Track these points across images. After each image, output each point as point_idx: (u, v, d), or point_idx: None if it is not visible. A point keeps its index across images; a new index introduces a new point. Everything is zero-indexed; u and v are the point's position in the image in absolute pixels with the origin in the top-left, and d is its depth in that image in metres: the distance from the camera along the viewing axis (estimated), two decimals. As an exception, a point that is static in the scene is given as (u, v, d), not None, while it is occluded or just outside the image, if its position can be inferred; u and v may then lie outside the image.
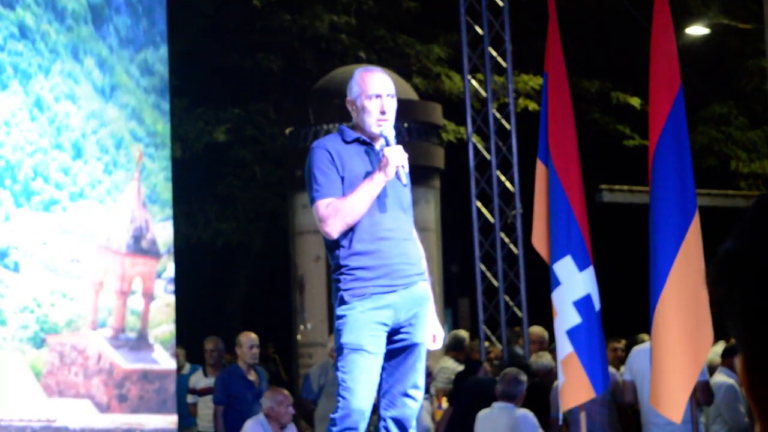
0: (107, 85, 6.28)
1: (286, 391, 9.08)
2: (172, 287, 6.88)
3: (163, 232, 6.63)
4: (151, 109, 6.46)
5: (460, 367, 10.83)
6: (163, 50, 7.17)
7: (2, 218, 6.01)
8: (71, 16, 6.19)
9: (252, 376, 9.93)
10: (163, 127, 6.69)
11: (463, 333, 12.08)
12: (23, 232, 6.29)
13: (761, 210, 1.47)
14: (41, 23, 6.07)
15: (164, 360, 7.02)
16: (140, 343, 6.98)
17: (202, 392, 10.97)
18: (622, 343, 11.13)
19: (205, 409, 10.72)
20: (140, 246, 6.56)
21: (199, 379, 11.26)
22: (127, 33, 6.77)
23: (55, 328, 6.87)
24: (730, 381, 9.46)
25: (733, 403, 9.40)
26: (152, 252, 6.58)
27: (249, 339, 10.04)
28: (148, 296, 6.76)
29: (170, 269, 6.67)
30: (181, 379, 10.86)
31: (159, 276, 6.64)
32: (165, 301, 6.83)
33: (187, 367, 11.58)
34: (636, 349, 8.88)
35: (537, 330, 11.42)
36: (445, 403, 10.07)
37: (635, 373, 8.64)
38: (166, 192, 6.64)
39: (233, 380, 9.90)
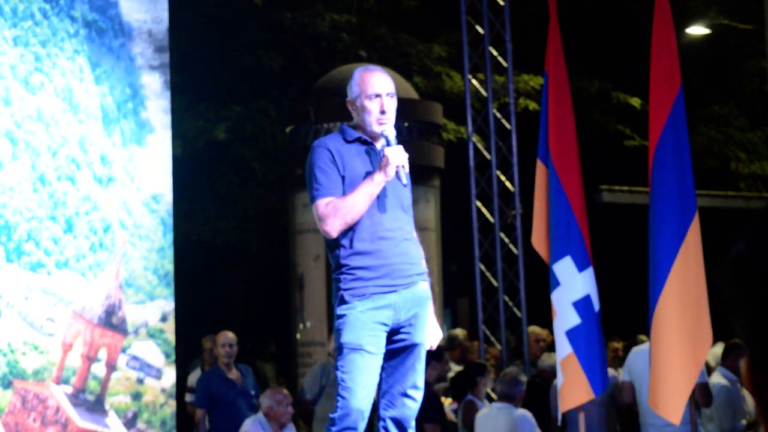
0: (105, 177, 7.12)
1: (285, 391, 9.08)
2: (135, 363, 7.47)
3: (135, 313, 7.32)
4: (140, 205, 7.27)
5: (457, 367, 10.82)
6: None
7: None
8: (84, 111, 7.10)
9: (233, 375, 9.88)
10: (150, 222, 7.41)
11: (457, 332, 12.07)
12: (9, 285, 6.97)
13: None
14: (56, 112, 6.91)
15: (116, 427, 7.50)
16: (96, 406, 7.53)
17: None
18: (621, 344, 11.13)
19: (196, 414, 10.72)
20: (111, 321, 7.27)
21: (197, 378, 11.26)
22: (130, 135, 7.67)
23: (23, 374, 7.44)
24: (724, 382, 9.46)
25: (725, 405, 9.40)
26: (120, 329, 7.30)
27: (223, 338, 10.00)
28: (110, 367, 7.42)
29: (135, 348, 7.34)
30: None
31: (123, 351, 7.42)
32: (125, 375, 7.47)
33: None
34: (635, 350, 8.88)
35: (536, 329, 11.43)
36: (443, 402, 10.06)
37: (634, 374, 8.64)
38: (142, 279, 7.32)
39: (212, 381, 9.87)
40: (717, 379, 9.45)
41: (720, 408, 9.36)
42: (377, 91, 5.20)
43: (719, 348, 9.90)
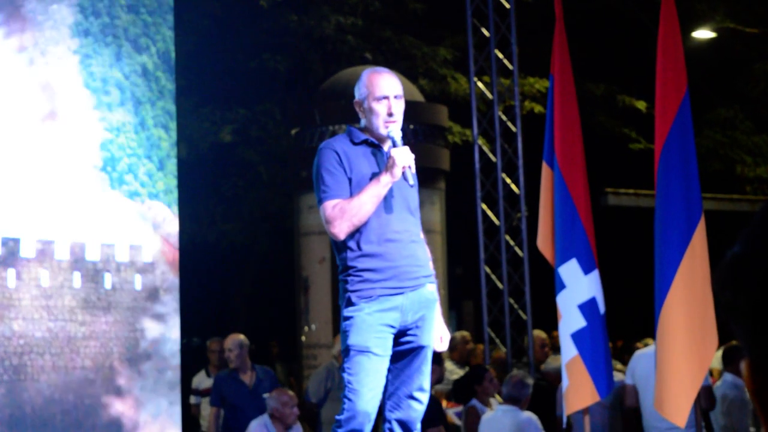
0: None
1: (291, 392, 9.07)
2: None
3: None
4: None
5: (458, 368, 10.82)
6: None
7: (105, 189, 8.08)
8: (178, 71, 8.74)
9: (246, 377, 9.87)
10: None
11: (456, 334, 12.06)
12: (107, 205, 8.15)
13: None
14: (156, 70, 8.33)
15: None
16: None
17: (204, 393, 10.96)
18: (619, 342, 11.13)
19: (208, 410, 10.72)
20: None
21: (202, 380, 11.27)
22: None
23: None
24: (733, 389, 9.47)
25: (740, 410, 9.40)
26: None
27: (230, 341, 9.96)
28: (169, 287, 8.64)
29: None
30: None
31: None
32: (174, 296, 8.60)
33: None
34: (638, 353, 8.88)
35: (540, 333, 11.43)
36: (445, 404, 10.06)
37: (637, 377, 8.63)
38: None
39: (224, 382, 9.88)
40: (724, 386, 9.46)
41: (734, 414, 9.37)
42: (385, 93, 5.20)
43: (718, 352, 9.89)
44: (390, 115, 5.18)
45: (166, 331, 8.59)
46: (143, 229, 8.33)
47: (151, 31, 8.39)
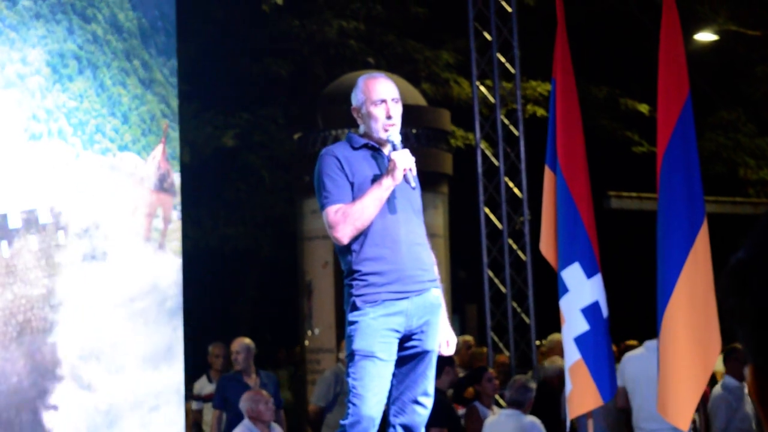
0: (147, 79, 9.23)
1: (263, 391, 9.14)
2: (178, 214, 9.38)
3: (177, 178, 9.37)
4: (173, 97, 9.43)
5: (461, 372, 10.81)
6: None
7: (74, 156, 8.72)
8: (126, 32, 9.14)
9: (252, 381, 9.91)
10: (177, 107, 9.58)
11: (459, 338, 12.04)
12: (84, 168, 8.80)
13: None
14: (106, 34, 9.08)
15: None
16: (159, 250, 9.27)
17: (206, 398, 10.96)
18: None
19: (210, 415, 10.72)
20: (163, 186, 9.23)
21: (204, 386, 11.25)
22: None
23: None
24: (725, 394, 9.47)
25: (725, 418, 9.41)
26: (171, 191, 9.25)
27: (237, 344, 10.09)
28: (167, 220, 9.26)
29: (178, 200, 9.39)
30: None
31: (174, 208, 9.32)
32: (176, 225, 9.30)
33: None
34: (627, 355, 8.89)
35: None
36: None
37: (627, 379, 8.64)
38: (178, 151, 9.46)
39: (229, 385, 9.91)
40: (718, 390, 9.46)
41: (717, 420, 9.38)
42: (382, 97, 5.21)
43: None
44: (389, 118, 5.18)
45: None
46: (119, 179, 9.00)
47: (95, 1, 8.98)
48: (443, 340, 5.33)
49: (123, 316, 8.83)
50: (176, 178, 9.33)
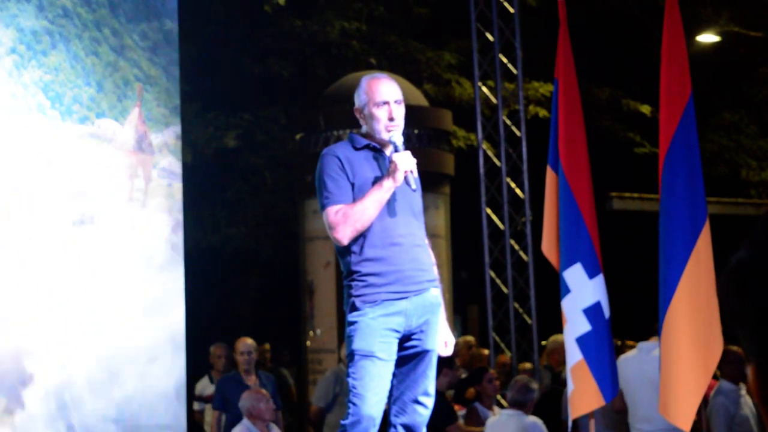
0: (119, 46, 9.43)
1: (263, 390, 9.14)
2: (163, 173, 9.60)
3: (156, 138, 9.60)
4: (149, 63, 9.62)
5: (463, 373, 10.81)
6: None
7: (58, 124, 8.95)
8: (95, 2, 9.34)
9: (252, 382, 9.91)
10: (155, 73, 9.72)
11: (461, 339, 12.04)
12: (63, 136, 9.04)
13: None
14: (76, 7, 9.25)
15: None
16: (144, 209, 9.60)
17: (208, 399, 10.95)
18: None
19: (212, 416, 10.73)
20: (141, 146, 9.52)
21: (206, 386, 11.24)
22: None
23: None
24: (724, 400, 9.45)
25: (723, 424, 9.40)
26: (149, 151, 9.53)
27: (243, 345, 10.09)
28: (147, 179, 9.52)
29: (163, 162, 9.60)
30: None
31: (154, 167, 9.55)
32: (158, 183, 9.52)
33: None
34: (622, 357, 8.88)
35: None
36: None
37: (622, 381, 8.63)
38: (158, 114, 9.65)
39: (229, 386, 9.91)
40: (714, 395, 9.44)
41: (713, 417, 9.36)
42: (385, 99, 5.21)
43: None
44: (391, 119, 5.18)
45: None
46: (99, 146, 9.28)
47: None
48: (441, 340, 5.33)
49: (114, 274, 9.09)
50: (154, 139, 9.54)
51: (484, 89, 12.28)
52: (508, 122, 11.95)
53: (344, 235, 5.06)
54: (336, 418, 9.82)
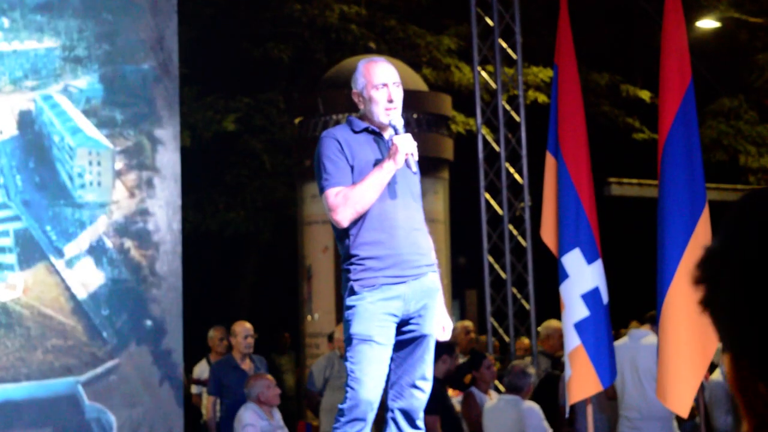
0: None
1: (269, 376, 9.16)
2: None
3: None
4: None
5: (461, 358, 10.82)
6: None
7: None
8: None
9: (246, 366, 9.92)
10: None
11: (458, 324, 12.04)
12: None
13: (745, 207, 1.46)
14: None
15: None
16: None
17: (206, 383, 10.96)
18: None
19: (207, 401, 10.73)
20: None
21: (204, 370, 11.25)
22: None
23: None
24: (721, 379, 9.46)
25: (719, 402, 9.41)
26: None
27: (243, 329, 10.06)
28: None
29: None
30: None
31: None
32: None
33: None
34: (614, 344, 8.89)
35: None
36: (451, 393, 10.07)
37: None
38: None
39: (225, 370, 9.91)
40: (716, 375, 9.45)
41: (714, 405, 9.37)
42: (383, 81, 5.21)
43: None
44: (390, 101, 5.18)
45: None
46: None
47: None
48: (439, 325, 5.33)
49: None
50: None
51: (484, 74, 12.27)
52: (508, 107, 11.94)
53: (344, 217, 5.06)
54: (327, 402, 9.85)
